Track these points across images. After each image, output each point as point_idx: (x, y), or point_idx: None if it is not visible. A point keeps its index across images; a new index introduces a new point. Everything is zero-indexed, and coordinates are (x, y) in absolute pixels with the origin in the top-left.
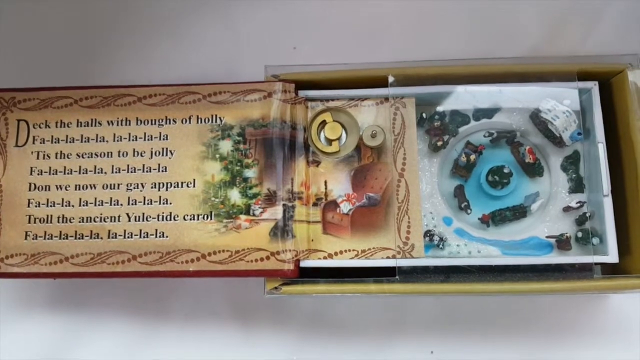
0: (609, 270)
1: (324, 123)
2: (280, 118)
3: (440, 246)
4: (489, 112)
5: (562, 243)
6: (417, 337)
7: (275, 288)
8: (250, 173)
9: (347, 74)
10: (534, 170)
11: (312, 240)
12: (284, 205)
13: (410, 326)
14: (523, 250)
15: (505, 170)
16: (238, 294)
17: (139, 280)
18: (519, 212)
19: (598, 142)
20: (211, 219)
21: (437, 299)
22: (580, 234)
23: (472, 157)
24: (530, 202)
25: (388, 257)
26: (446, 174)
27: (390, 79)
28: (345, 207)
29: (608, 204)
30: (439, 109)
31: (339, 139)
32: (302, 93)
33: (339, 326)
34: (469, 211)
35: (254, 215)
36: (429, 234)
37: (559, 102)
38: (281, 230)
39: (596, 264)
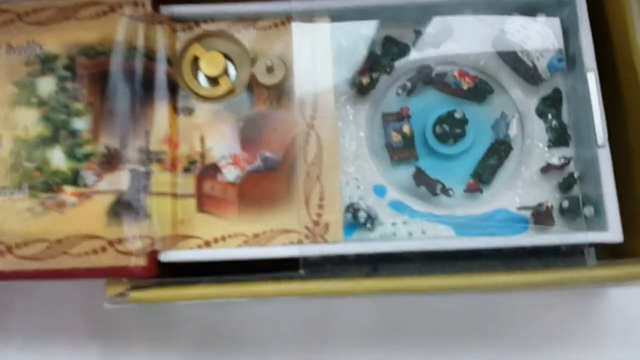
0: (608, 253)
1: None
2: (129, 43)
3: (369, 226)
4: (435, 39)
5: (541, 216)
6: (345, 356)
7: (121, 294)
8: (81, 124)
9: None
10: (479, 92)
11: (182, 222)
12: (132, 170)
13: (336, 340)
14: (486, 229)
15: (457, 115)
16: (99, 302)
17: None
18: (503, 150)
19: (587, 71)
20: (22, 193)
21: (373, 301)
22: (566, 204)
23: (406, 127)
24: (503, 130)
25: (291, 243)
26: (378, 125)
27: None
28: (230, 174)
29: (605, 157)
30: (364, 32)
31: (221, 76)
32: (166, 10)
33: (239, 343)
34: (450, 192)
35: (84, 185)
36: (352, 209)
37: (530, 18)
38: (126, 208)
39: (591, 245)
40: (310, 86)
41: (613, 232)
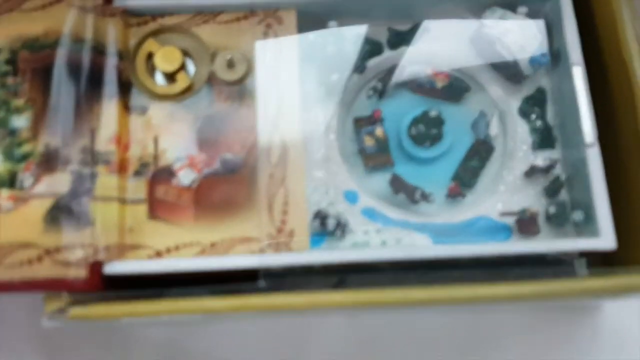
0: (600, 262)
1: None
2: (76, 36)
3: (338, 234)
4: (410, 37)
5: (526, 223)
6: None
7: (60, 310)
8: (21, 121)
9: None
10: (454, 91)
11: (131, 229)
12: (73, 171)
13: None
14: (466, 238)
15: (432, 114)
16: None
17: None
18: (484, 150)
19: (573, 65)
20: None
21: (343, 317)
22: (553, 209)
23: (379, 131)
24: (483, 130)
25: (253, 253)
26: (349, 130)
27: None
28: (186, 177)
29: (594, 157)
30: (331, 24)
31: (177, 72)
32: (120, 1)
33: None
34: (430, 198)
35: (21, 188)
36: (320, 217)
37: (510, 10)
38: (66, 213)
39: (581, 254)
40: (274, 83)
41: (605, 238)
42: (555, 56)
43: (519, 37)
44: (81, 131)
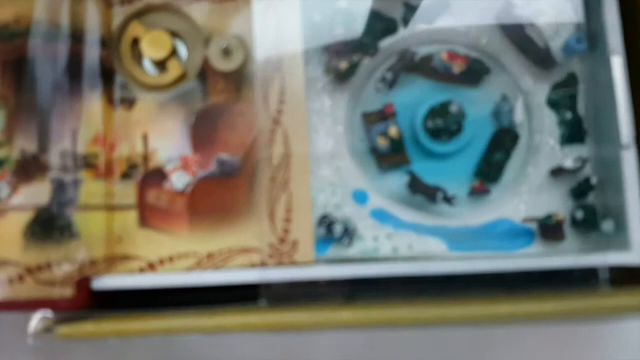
0: (626, 277)
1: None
2: (51, 21)
3: (347, 241)
4: (429, 13)
5: (550, 229)
6: None
7: (47, 330)
8: None
9: None
10: (473, 74)
11: (120, 239)
12: (54, 179)
13: None
14: (484, 243)
15: (453, 110)
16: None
17: None
18: (509, 140)
19: (611, 54)
20: None
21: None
22: (580, 215)
23: (393, 130)
24: (507, 117)
25: (253, 265)
26: (358, 124)
27: None
28: (179, 181)
29: (630, 161)
30: (343, 5)
31: (168, 59)
32: None
33: None
34: (454, 202)
35: None
36: (326, 222)
37: None
38: (47, 227)
39: (611, 269)
40: (276, 73)
41: (637, 253)
42: (592, 39)
43: (552, 18)
44: (61, 133)
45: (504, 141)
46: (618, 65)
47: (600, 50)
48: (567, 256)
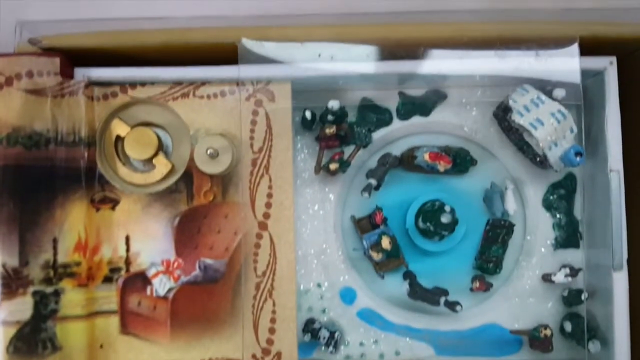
0: None
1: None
2: (30, 125)
3: (332, 347)
4: (424, 105)
5: (538, 342)
6: None
7: None
8: None
9: (165, 38)
10: (459, 167)
11: (101, 346)
12: (36, 292)
13: None
14: (473, 349)
15: (444, 220)
16: None
17: None
18: (505, 231)
19: (610, 171)
20: None
21: None
22: (568, 327)
23: (385, 241)
24: (499, 206)
25: None
26: (348, 224)
27: (244, 45)
28: (161, 286)
29: (620, 282)
30: (332, 104)
31: (155, 156)
32: (82, 72)
33: None
34: (458, 308)
35: None
36: (310, 327)
37: (544, 92)
38: (29, 342)
39: None
40: (264, 173)
41: None
42: (592, 144)
43: (551, 131)
44: (42, 243)
45: (499, 233)
46: (616, 180)
47: (601, 157)
48: None
